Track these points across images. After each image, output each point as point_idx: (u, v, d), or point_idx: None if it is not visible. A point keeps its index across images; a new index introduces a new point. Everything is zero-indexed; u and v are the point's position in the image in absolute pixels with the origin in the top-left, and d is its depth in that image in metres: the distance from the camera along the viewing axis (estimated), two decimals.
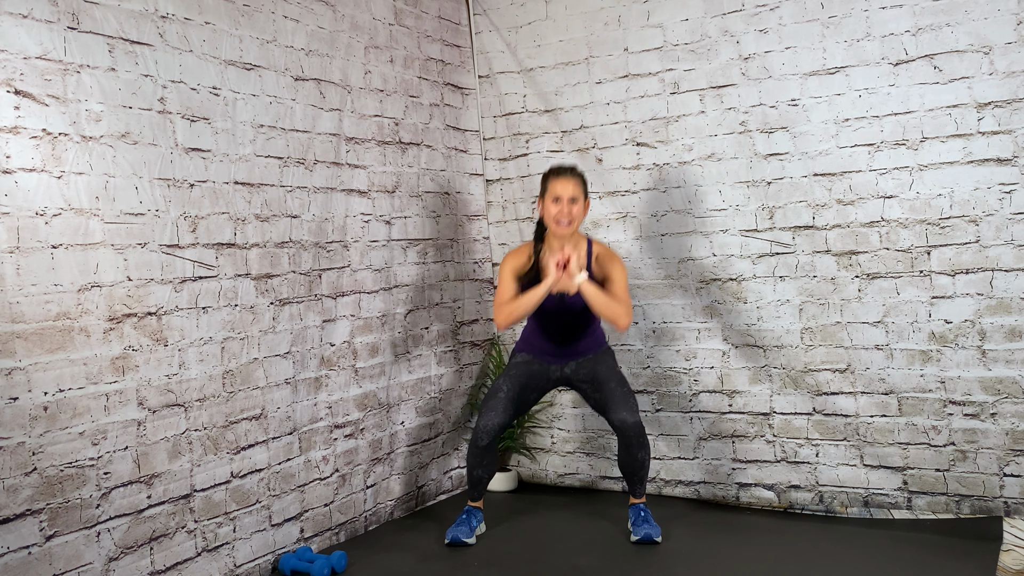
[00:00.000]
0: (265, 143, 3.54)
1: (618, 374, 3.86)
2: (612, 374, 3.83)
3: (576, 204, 3.73)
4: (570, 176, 3.75)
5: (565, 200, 3.70)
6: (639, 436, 3.74)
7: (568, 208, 3.70)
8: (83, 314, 2.84)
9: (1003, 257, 3.66)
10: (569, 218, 3.70)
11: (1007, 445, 3.69)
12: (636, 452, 3.77)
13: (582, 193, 3.76)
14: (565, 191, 3.71)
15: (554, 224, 3.73)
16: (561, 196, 3.71)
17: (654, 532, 3.73)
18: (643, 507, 3.84)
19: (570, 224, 3.71)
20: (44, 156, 2.74)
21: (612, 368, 3.87)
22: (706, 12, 4.19)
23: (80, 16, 2.84)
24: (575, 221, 3.73)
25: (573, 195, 3.71)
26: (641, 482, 3.86)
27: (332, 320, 3.87)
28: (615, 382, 3.80)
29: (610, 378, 3.81)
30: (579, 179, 3.77)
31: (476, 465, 3.85)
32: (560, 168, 3.80)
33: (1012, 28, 3.59)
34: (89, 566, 2.84)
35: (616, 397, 3.75)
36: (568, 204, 3.71)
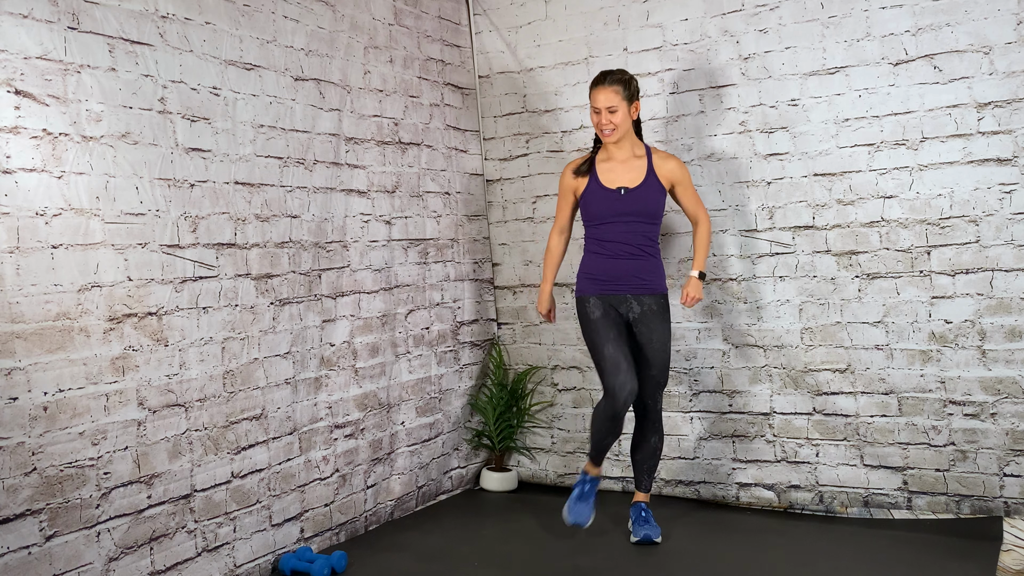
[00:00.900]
0: (265, 143, 3.54)
1: (665, 356, 3.78)
2: (660, 355, 3.76)
3: (616, 112, 3.67)
4: (607, 84, 3.68)
5: (604, 111, 3.67)
6: (656, 421, 3.80)
7: (608, 118, 3.68)
8: (83, 314, 2.84)
9: (1003, 257, 3.66)
10: (611, 127, 3.68)
11: (1007, 445, 3.69)
12: (650, 436, 3.82)
13: (621, 99, 3.67)
14: (601, 102, 3.67)
15: (601, 135, 3.74)
16: (600, 108, 3.68)
17: (654, 533, 3.73)
18: (644, 506, 3.84)
19: (614, 132, 3.69)
20: (44, 156, 2.74)
21: (664, 346, 3.77)
22: (706, 12, 4.19)
23: (80, 16, 2.84)
24: (619, 128, 3.69)
25: (610, 105, 3.66)
26: (649, 473, 3.86)
27: (332, 320, 3.87)
28: (658, 368, 3.77)
29: (656, 360, 3.76)
30: (617, 85, 3.68)
31: (608, 433, 3.68)
32: (599, 76, 3.73)
33: (1012, 28, 3.59)
34: (89, 566, 2.84)
35: (651, 383, 3.77)
36: (607, 114, 3.67)
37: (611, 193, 3.72)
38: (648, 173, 3.75)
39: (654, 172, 3.76)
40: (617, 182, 3.74)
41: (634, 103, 3.72)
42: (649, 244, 3.77)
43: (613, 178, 3.75)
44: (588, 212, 3.80)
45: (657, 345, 3.76)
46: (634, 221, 3.72)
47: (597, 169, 3.79)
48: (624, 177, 3.75)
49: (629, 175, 3.74)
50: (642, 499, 3.88)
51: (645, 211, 3.72)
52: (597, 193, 3.76)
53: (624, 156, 3.77)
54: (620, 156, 3.77)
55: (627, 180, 3.74)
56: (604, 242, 3.77)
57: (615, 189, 3.72)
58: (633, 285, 3.74)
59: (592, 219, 3.79)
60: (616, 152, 3.77)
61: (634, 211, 3.72)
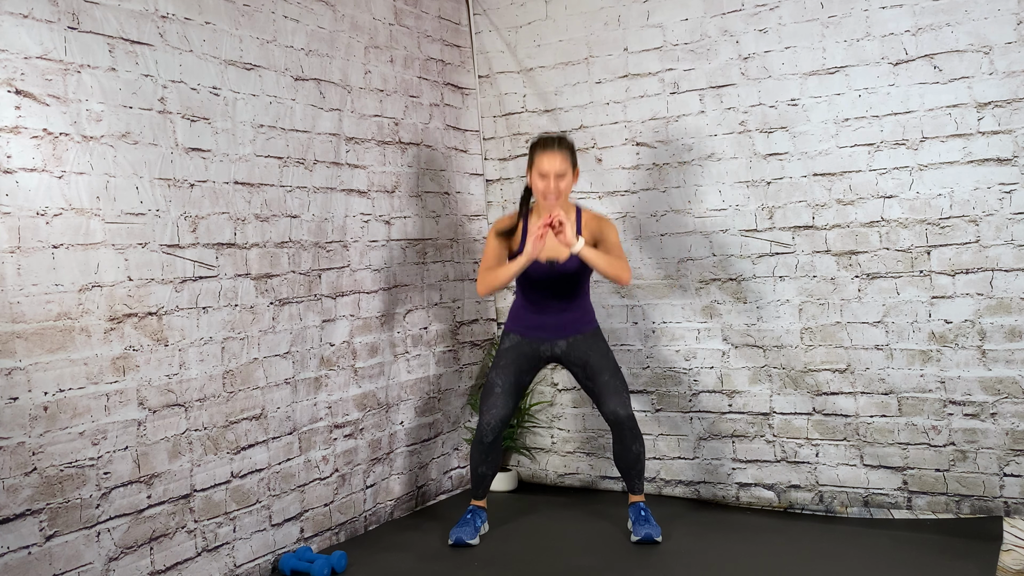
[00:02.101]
0: (265, 143, 3.54)
1: (612, 363, 3.82)
2: (606, 363, 3.80)
3: (563, 179, 3.68)
4: (556, 150, 3.68)
5: (552, 176, 3.67)
6: (632, 428, 3.76)
7: (555, 184, 3.67)
8: (84, 314, 2.84)
9: (1003, 257, 3.67)
10: (556, 193, 3.68)
11: (1007, 445, 3.70)
12: (630, 444, 3.79)
13: (570, 166, 3.71)
14: (552, 167, 3.66)
15: (541, 199, 3.73)
16: (548, 172, 3.67)
17: (654, 532, 3.73)
18: (643, 506, 3.84)
19: (557, 198, 3.70)
20: (45, 156, 2.74)
21: (606, 355, 3.83)
22: (706, 12, 4.19)
23: (80, 16, 2.84)
24: (563, 195, 3.71)
25: (560, 171, 3.67)
26: (639, 477, 3.86)
27: (332, 320, 3.87)
28: (609, 373, 3.79)
29: (604, 368, 3.79)
30: (566, 151, 3.70)
31: (481, 463, 3.86)
32: (547, 141, 3.73)
33: (1012, 28, 3.59)
34: (89, 566, 2.84)
35: (609, 389, 3.76)
36: (555, 180, 3.67)
37: (541, 265, 3.73)
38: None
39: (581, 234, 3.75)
40: (547, 252, 3.72)
41: (576, 169, 3.76)
42: (577, 296, 3.84)
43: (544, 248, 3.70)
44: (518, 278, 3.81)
45: (598, 355, 3.80)
46: (561, 284, 3.77)
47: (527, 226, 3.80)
48: (553, 248, 3.71)
49: (557, 246, 3.70)
50: (638, 499, 3.88)
51: (573, 277, 3.77)
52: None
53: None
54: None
55: (556, 251, 3.71)
56: (532, 300, 3.83)
57: (544, 262, 3.72)
58: (559, 331, 3.83)
59: (522, 284, 3.84)
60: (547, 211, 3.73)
61: (562, 279, 3.76)
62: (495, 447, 3.85)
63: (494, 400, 3.80)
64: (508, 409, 3.80)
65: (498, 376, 3.83)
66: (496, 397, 3.80)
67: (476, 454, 3.86)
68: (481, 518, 3.90)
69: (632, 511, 3.84)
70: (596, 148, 4.52)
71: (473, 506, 3.93)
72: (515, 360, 3.85)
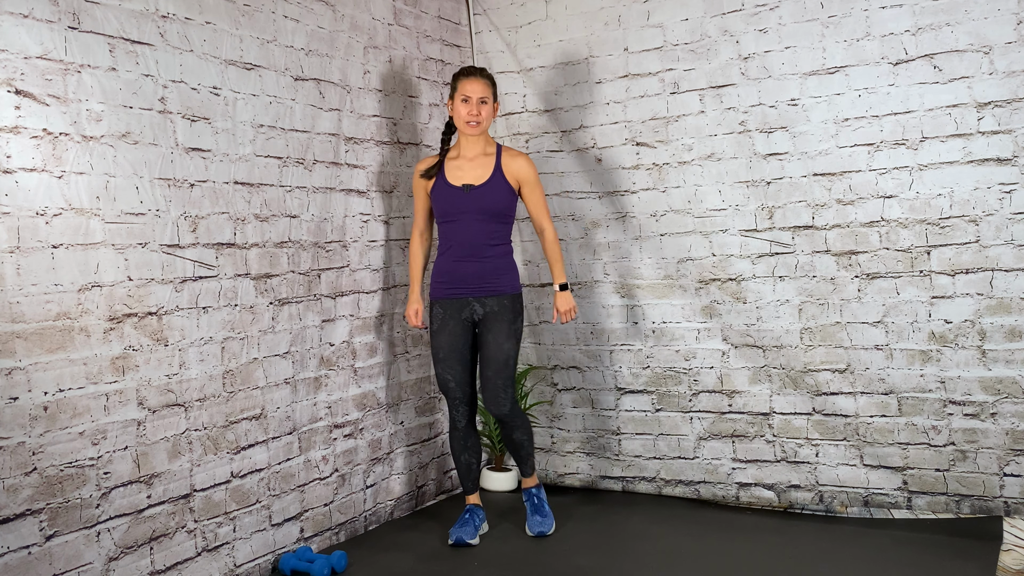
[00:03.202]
0: (265, 143, 3.54)
1: (501, 355, 3.76)
2: (496, 355, 3.76)
3: (486, 105, 3.76)
4: (479, 76, 3.78)
5: (475, 101, 3.73)
6: (511, 422, 3.84)
7: (478, 108, 3.73)
8: (83, 314, 2.84)
9: (1003, 257, 3.67)
10: (478, 119, 3.74)
11: (1007, 445, 3.70)
12: (510, 433, 3.88)
13: (491, 94, 3.79)
14: (475, 91, 3.73)
15: (464, 125, 3.76)
16: (470, 96, 3.73)
17: (546, 526, 3.82)
18: (535, 491, 3.93)
19: (479, 125, 3.75)
20: (45, 156, 2.74)
21: (500, 343, 3.76)
22: (706, 12, 4.19)
23: (80, 16, 2.84)
24: (484, 122, 3.76)
25: (482, 95, 3.74)
26: (526, 461, 3.95)
27: (331, 320, 3.86)
28: (492, 369, 3.76)
29: (491, 361, 3.76)
30: (488, 80, 3.80)
31: (462, 451, 3.89)
32: (470, 68, 3.83)
33: (1012, 28, 3.59)
34: (89, 566, 2.84)
35: (487, 386, 3.79)
36: (478, 104, 3.73)
37: (456, 191, 3.77)
38: (495, 170, 3.79)
39: (501, 170, 3.80)
40: (463, 179, 3.79)
41: (496, 102, 3.83)
42: (496, 244, 3.81)
43: (460, 175, 3.80)
44: (436, 210, 3.86)
45: (493, 347, 3.78)
46: (478, 220, 3.76)
47: (445, 167, 3.84)
48: (470, 175, 3.80)
49: (475, 172, 3.79)
50: (531, 484, 3.96)
51: (489, 209, 3.76)
52: (443, 190, 3.81)
53: (473, 153, 3.82)
54: (470, 153, 3.82)
55: (473, 178, 3.79)
56: (451, 243, 3.82)
57: (459, 187, 3.77)
58: (475, 287, 3.79)
59: (439, 217, 3.85)
60: (466, 149, 3.83)
61: (478, 208, 3.75)
62: (471, 431, 3.89)
63: (453, 393, 3.84)
64: (468, 390, 3.85)
65: (446, 370, 3.83)
66: (453, 391, 3.84)
67: (455, 443, 3.90)
68: (479, 517, 3.91)
69: (525, 496, 3.95)
70: (596, 148, 4.52)
71: (470, 505, 3.94)
72: (451, 345, 3.81)
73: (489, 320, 3.79)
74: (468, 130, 3.77)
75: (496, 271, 3.80)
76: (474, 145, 3.83)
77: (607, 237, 4.51)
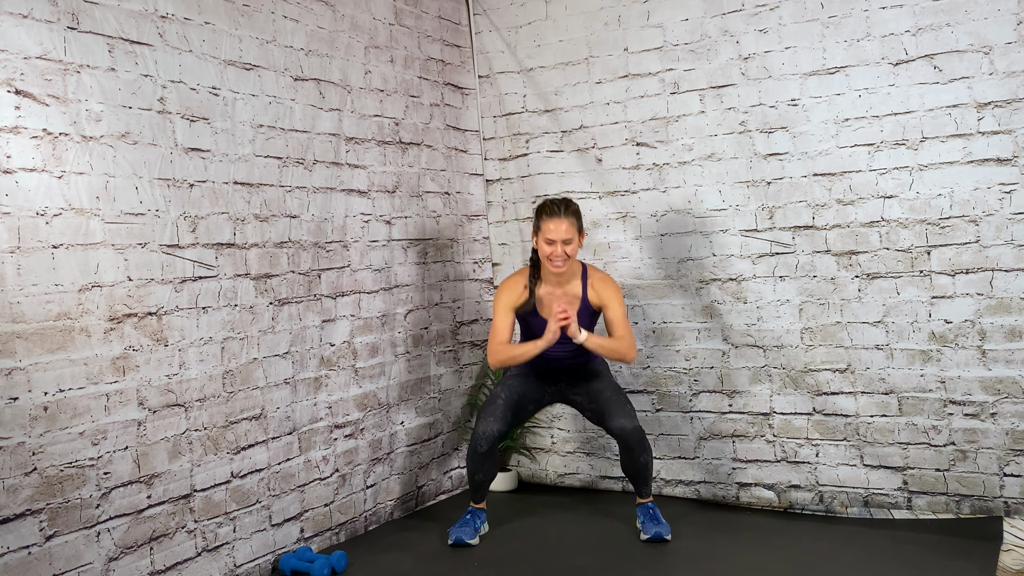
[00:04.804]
0: (264, 143, 3.54)
1: (612, 382, 3.88)
2: (606, 383, 3.85)
3: (570, 244, 3.69)
4: (563, 216, 3.68)
5: (558, 243, 3.68)
6: (640, 440, 3.76)
7: (562, 250, 3.68)
8: (83, 314, 2.84)
9: (1003, 257, 3.66)
10: (563, 259, 3.70)
11: (1007, 445, 3.69)
12: (639, 456, 3.78)
13: (576, 231, 3.70)
14: (558, 234, 3.66)
15: (548, 263, 3.73)
16: (554, 239, 3.67)
17: (664, 531, 3.74)
18: (651, 505, 3.86)
19: (564, 263, 3.72)
20: (44, 156, 2.74)
21: (605, 376, 3.89)
22: (706, 12, 4.19)
23: (80, 16, 2.84)
24: (569, 260, 3.72)
25: (566, 237, 3.67)
26: (646, 483, 3.88)
27: (332, 320, 3.87)
28: (610, 390, 3.82)
29: (604, 387, 3.83)
30: (572, 217, 3.70)
31: (477, 470, 3.86)
32: (553, 207, 3.72)
33: (1012, 28, 3.59)
34: (89, 566, 2.84)
35: (612, 405, 3.77)
36: (561, 246, 3.68)
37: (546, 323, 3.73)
38: (583, 303, 3.79)
39: (587, 301, 3.80)
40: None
41: (582, 233, 3.77)
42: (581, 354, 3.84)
43: (551, 308, 3.72)
44: (524, 336, 3.90)
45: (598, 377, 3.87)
46: (568, 344, 3.75)
47: (536, 299, 3.82)
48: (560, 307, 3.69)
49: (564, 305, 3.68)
50: (646, 500, 3.89)
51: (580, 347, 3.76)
52: (534, 324, 3.82)
53: (562, 280, 3.80)
54: (558, 280, 3.80)
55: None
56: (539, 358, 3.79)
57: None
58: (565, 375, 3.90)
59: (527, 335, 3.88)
60: (554, 279, 3.79)
61: (570, 349, 3.78)
62: (490, 457, 3.84)
63: (494, 410, 3.80)
64: (505, 424, 3.80)
65: (503, 390, 3.87)
66: (496, 408, 3.80)
67: (471, 463, 3.86)
68: (480, 519, 3.91)
69: (640, 511, 3.86)
70: (596, 148, 4.52)
71: (473, 508, 3.93)
72: (522, 384, 3.89)
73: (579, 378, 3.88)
74: (553, 268, 3.72)
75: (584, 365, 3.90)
76: (562, 275, 3.78)
77: (607, 237, 4.51)
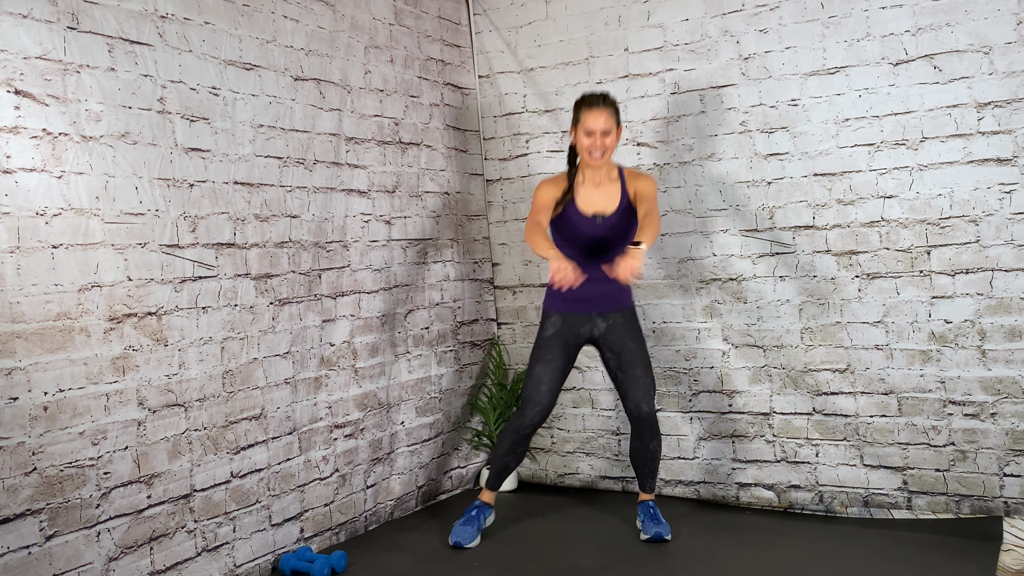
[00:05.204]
0: (265, 143, 3.54)
1: (645, 357, 3.78)
2: (640, 356, 3.76)
3: (609, 136, 3.66)
4: (602, 107, 3.65)
5: (598, 133, 3.63)
6: (653, 426, 3.76)
7: (601, 141, 3.64)
8: (83, 314, 2.84)
9: (1003, 257, 3.66)
10: (602, 150, 3.65)
11: (1007, 445, 3.69)
12: (648, 442, 3.79)
13: (614, 123, 3.67)
14: (597, 124, 3.63)
15: (587, 155, 3.69)
16: (593, 130, 3.64)
17: (664, 531, 3.74)
18: (652, 504, 3.86)
19: (603, 156, 3.67)
20: (44, 156, 2.74)
21: (642, 347, 3.77)
22: (706, 12, 4.19)
23: (80, 16, 2.85)
24: (607, 152, 3.68)
25: (605, 128, 3.64)
26: (652, 475, 3.87)
27: (332, 320, 3.87)
28: (641, 368, 3.74)
29: (637, 362, 3.74)
30: (611, 109, 3.68)
31: (508, 452, 3.81)
32: (592, 98, 3.70)
33: (1012, 28, 3.59)
34: (89, 566, 2.84)
35: (638, 382, 3.73)
36: (600, 137, 3.64)
37: (586, 220, 3.71)
38: (622, 197, 3.74)
39: (627, 196, 3.74)
40: (593, 207, 3.72)
41: (619, 127, 3.73)
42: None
43: (590, 202, 3.73)
44: (561, 233, 3.78)
45: (634, 347, 3.75)
46: (607, 246, 3.72)
47: (575, 192, 3.77)
48: (600, 201, 3.72)
49: (604, 201, 3.72)
50: (648, 498, 3.89)
51: (618, 236, 3.73)
52: (573, 218, 3.74)
53: (600, 179, 3.75)
54: (596, 179, 3.75)
55: (602, 206, 3.72)
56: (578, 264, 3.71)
57: (590, 216, 3.71)
58: (599, 304, 3.76)
59: (564, 240, 3.78)
60: (593, 174, 3.75)
61: (607, 236, 3.72)
62: (528, 440, 3.82)
63: (540, 397, 3.74)
64: (552, 403, 3.78)
65: (544, 371, 3.76)
66: (542, 395, 3.74)
67: (507, 443, 3.80)
68: (486, 514, 3.89)
69: (641, 509, 3.85)
70: None
71: (480, 501, 3.90)
72: (560, 351, 3.77)
73: (617, 330, 3.76)
74: (592, 162, 3.69)
75: (620, 289, 3.77)
76: (599, 172, 3.75)
77: None
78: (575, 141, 3.72)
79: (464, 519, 3.84)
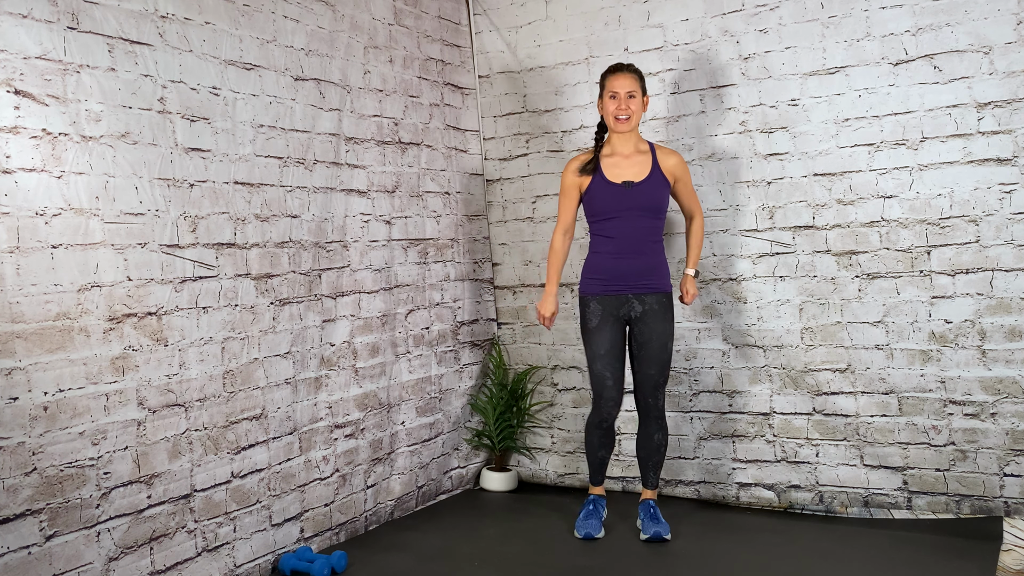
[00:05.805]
0: (265, 143, 3.54)
1: (663, 356, 3.76)
2: (663, 353, 3.76)
3: (634, 99, 3.66)
4: (626, 71, 3.68)
5: (623, 95, 3.64)
6: (659, 419, 3.82)
7: (626, 103, 3.65)
8: (83, 314, 2.84)
9: (1003, 257, 3.66)
10: (628, 112, 3.66)
11: (1007, 445, 3.69)
12: (653, 433, 3.83)
13: (639, 88, 3.68)
14: (622, 86, 3.64)
15: (613, 121, 3.68)
16: (618, 92, 3.64)
17: (663, 530, 3.74)
18: (653, 504, 3.87)
19: (628, 119, 3.67)
20: (44, 156, 2.74)
21: (665, 345, 3.76)
22: (706, 12, 4.19)
23: (80, 16, 2.84)
24: (634, 116, 3.68)
25: (630, 89, 3.64)
26: (655, 469, 3.89)
27: (332, 320, 3.87)
28: (656, 367, 3.76)
29: (656, 360, 3.75)
30: (636, 74, 3.70)
31: (600, 447, 3.88)
32: (617, 64, 3.74)
33: (1012, 28, 3.59)
34: (89, 566, 2.84)
35: (649, 382, 3.78)
36: (626, 99, 3.64)
37: (616, 188, 3.71)
38: (653, 167, 3.75)
39: (659, 166, 3.75)
40: (622, 176, 3.73)
41: (646, 96, 3.75)
42: (654, 241, 3.77)
43: (618, 172, 3.74)
44: (592, 207, 3.79)
45: (656, 345, 3.75)
46: (639, 216, 3.71)
47: (601, 164, 3.77)
48: (629, 171, 3.74)
49: (633, 169, 3.74)
50: (650, 496, 3.90)
51: (650, 205, 3.72)
52: (602, 188, 3.74)
53: (628, 151, 3.77)
54: (624, 151, 3.76)
55: (632, 174, 3.73)
56: (608, 239, 3.75)
57: (620, 183, 3.71)
58: (636, 284, 3.75)
59: (596, 215, 3.78)
60: (621, 146, 3.77)
61: (639, 205, 3.71)
62: (612, 430, 3.89)
63: (609, 391, 3.77)
64: (622, 391, 3.81)
65: (605, 367, 3.76)
66: (609, 389, 3.77)
67: (594, 439, 3.87)
68: (602, 506, 3.93)
69: (642, 509, 3.86)
70: None
71: (594, 495, 3.95)
72: (609, 337, 3.76)
73: (649, 318, 3.75)
74: (618, 127, 3.68)
75: (656, 268, 3.76)
76: (627, 142, 3.75)
77: None
78: (602, 111, 3.74)
79: (584, 513, 3.88)
